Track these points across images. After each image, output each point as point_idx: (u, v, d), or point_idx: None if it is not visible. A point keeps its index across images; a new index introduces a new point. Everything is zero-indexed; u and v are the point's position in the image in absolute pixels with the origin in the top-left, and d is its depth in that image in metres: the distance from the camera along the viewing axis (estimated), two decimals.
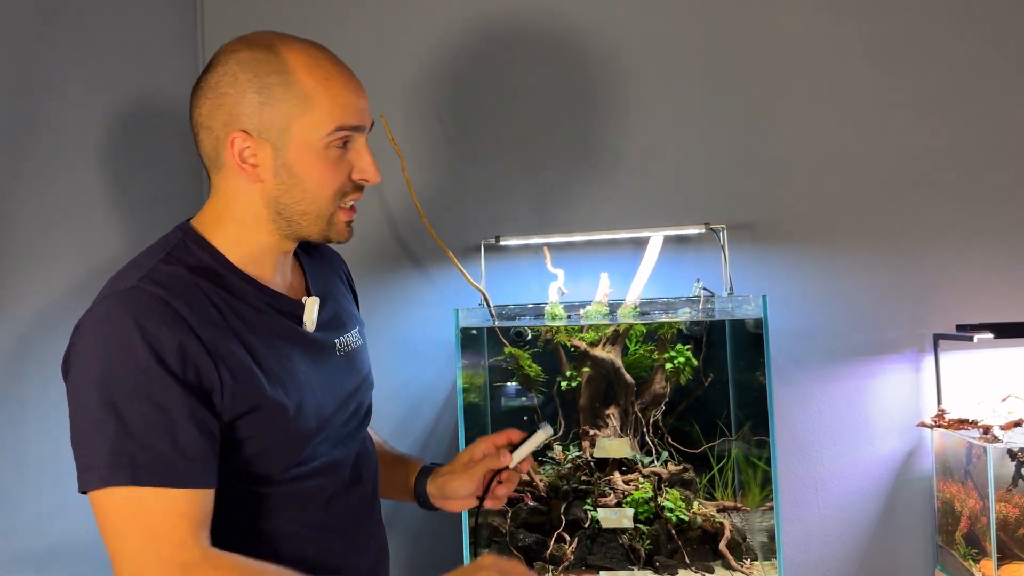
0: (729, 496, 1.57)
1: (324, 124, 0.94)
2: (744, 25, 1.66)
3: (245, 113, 0.93)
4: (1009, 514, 1.42)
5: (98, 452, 0.84)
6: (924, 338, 1.60)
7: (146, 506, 0.84)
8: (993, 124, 1.60)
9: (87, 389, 0.86)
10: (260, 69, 0.93)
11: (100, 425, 0.84)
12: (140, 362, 0.85)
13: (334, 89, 0.94)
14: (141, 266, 0.93)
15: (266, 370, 0.94)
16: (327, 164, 0.95)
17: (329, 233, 0.99)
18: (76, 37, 1.36)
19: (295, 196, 0.96)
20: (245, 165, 0.94)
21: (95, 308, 0.91)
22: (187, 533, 0.84)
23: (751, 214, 1.65)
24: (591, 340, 1.56)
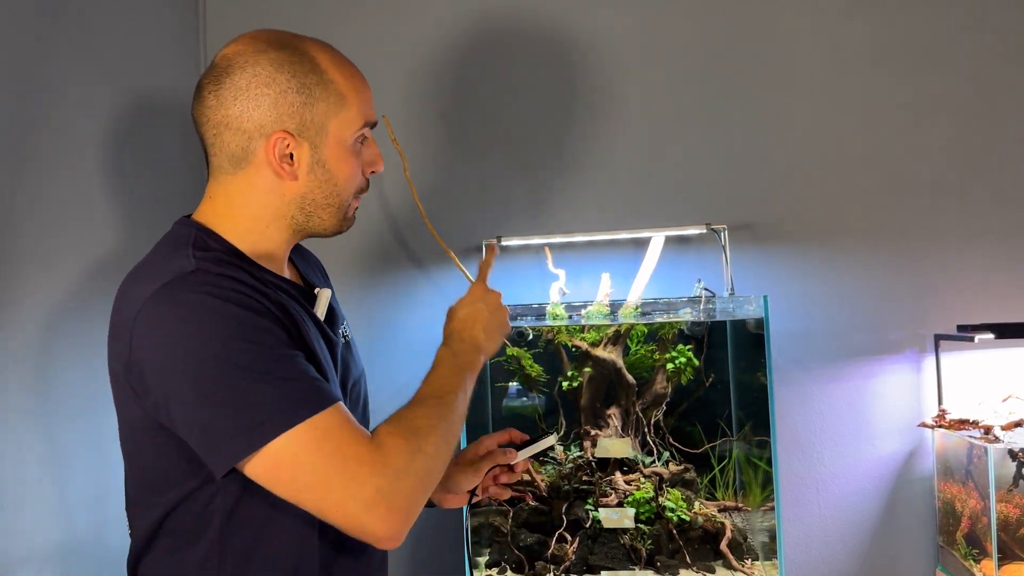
0: (730, 496, 1.57)
1: (356, 121, 0.99)
2: (745, 25, 1.66)
3: (287, 113, 0.95)
4: (1010, 514, 1.42)
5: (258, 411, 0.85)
6: (925, 338, 1.60)
7: (326, 428, 0.86)
8: (994, 125, 1.60)
9: (206, 370, 0.85)
10: (296, 69, 0.95)
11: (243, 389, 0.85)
12: (242, 321, 0.87)
13: (359, 87, 0.99)
14: (181, 255, 0.93)
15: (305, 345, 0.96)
16: (356, 159, 1.01)
17: (343, 224, 1.04)
18: (76, 36, 1.36)
19: (326, 191, 0.99)
20: (283, 164, 0.96)
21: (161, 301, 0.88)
22: (362, 432, 0.89)
23: (752, 214, 1.65)
24: (592, 340, 1.56)
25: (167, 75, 1.66)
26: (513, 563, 1.50)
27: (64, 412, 1.29)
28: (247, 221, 0.99)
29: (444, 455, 0.94)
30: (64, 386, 1.29)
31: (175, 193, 1.64)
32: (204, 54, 1.78)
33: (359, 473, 0.85)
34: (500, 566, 1.51)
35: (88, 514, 1.32)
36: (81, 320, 1.33)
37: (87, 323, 1.33)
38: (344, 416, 0.88)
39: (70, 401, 1.30)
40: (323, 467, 0.85)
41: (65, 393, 1.29)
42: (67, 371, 1.30)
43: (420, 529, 1.77)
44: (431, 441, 0.92)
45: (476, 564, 1.53)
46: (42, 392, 1.25)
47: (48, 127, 1.28)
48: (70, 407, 1.30)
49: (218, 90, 0.95)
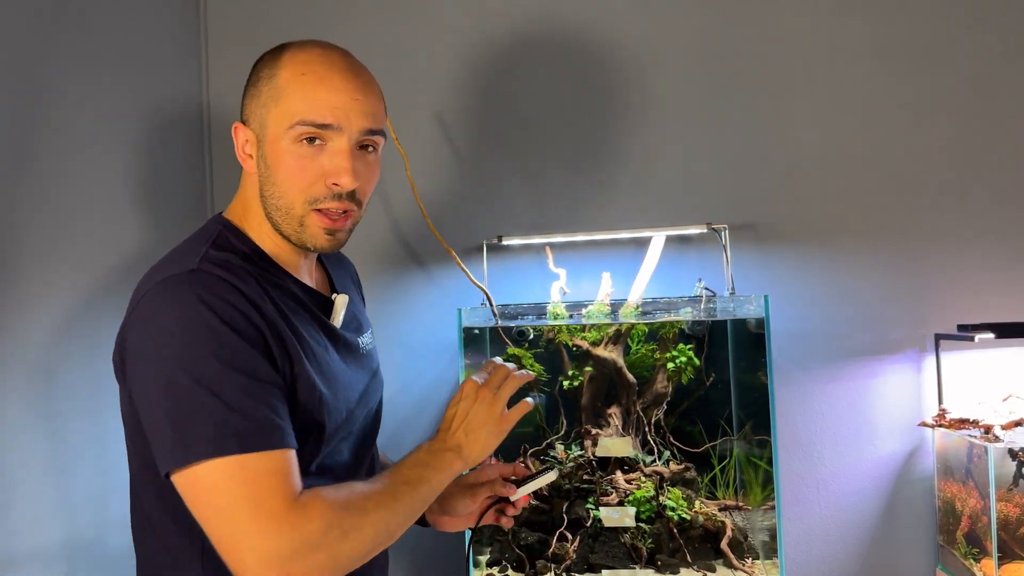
0: (731, 495, 1.58)
1: (286, 117, 0.95)
2: (747, 26, 1.67)
3: (244, 104, 0.99)
4: (1010, 514, 1.42)
5: (198, 428, 0.84)
6: (925, 338, 1.61)
7: (254, 470, 0.84)
8: (994, 125, 1.60)
9: (170, 371, 0.86)
10: (261, 65, 0.99)
11: (195, 403, 0.85)
12: (221, 336, 0.86)
13: (309, 85, 0.94)
14: (193, 253, 0.94)
15: (308, 355, 0.96)
16: (293, 159, 0.95)
17: (303, 236, 0.98)
18: (77, 36, 1.36)
19: (269, 189, 0.98)
20: (244, 155, 0.99)
21: (154, 294, 0.90)
22: (291, 488, 0.86)
23: (753, 214, 1.65)
24: (593, 339, 1.56)
25: (169, 75, 1.66)
26: (514, 562, 1.50)
27: (68, 412, 1.29)
28: (256, 217, 1.01)
29: (372, 544, 0.90)
30: (68, 386, 1.30)
31: (178, 193, 1.64)
32: (206, 54, 1.78)
33: (266, 527, 0.83)
34: (501, 565, 1.52)
35: (91, 513, 1.32)
36: (85, 320, 1.33)
37: (91, 323, 1.34)
38: (281, 466, 0.85)
39: (74, 401, 1.30)
40: (234, 506, 0.83)
41: (69, 393, 1.30)
42: (71, 371, 1.30)
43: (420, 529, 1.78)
44: (362, 525, 0.88)
45: (477, 562, 1.53)
46: (46, 392, 1.26)
47: (48, 127, 1.28)
48: (74, 407, 1.30)
49: None
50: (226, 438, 0.84)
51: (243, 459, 0.84)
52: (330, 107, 0.94)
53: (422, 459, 1.00)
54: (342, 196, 0.96)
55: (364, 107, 0.96)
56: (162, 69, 1.64)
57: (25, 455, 1.21)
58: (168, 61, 1.67)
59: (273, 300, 0.95)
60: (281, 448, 0.86)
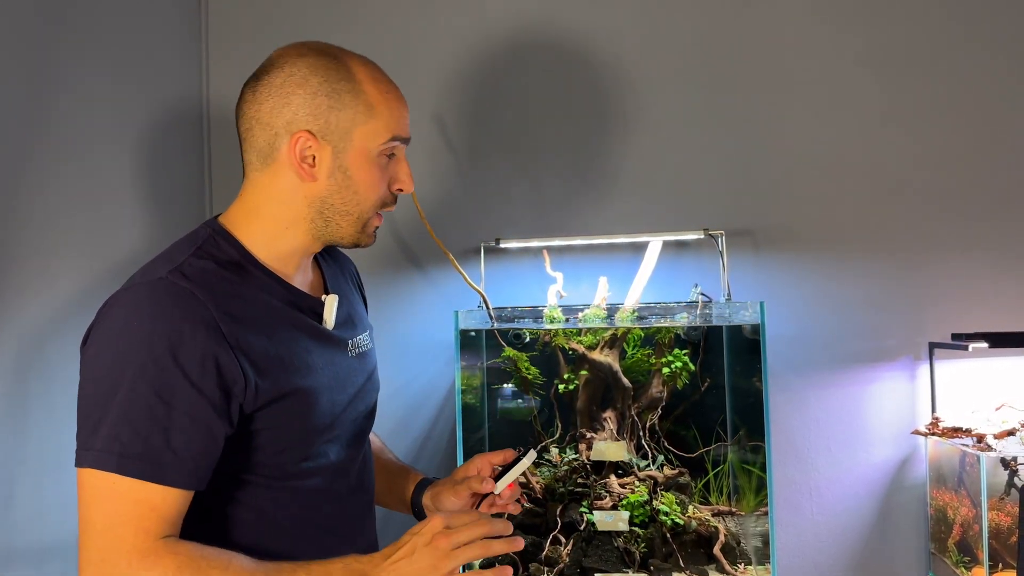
0: (724, 500, 1.58)
1: (382, 133, 1.00)
2: (745, 33, 1.67)
3: (312, 114, 0.97)
4: (1001, 522, 1.42)
5: (95, 432, 0.87)
6: (920, 346, 1.61)
7: (120, 493, 0.86)
8: (991, 135, 1.61)
9: (99, 368, 0.89)
10: (330, 75, 0.98)
11: (102, 406, 0.87)
12: (155, 353, 0.87)
13: (392, 102, 1.01)
14: (173, 259, 0.95)
15: (288, 361, 0.97)
16: (378, 171, 1.01)
17: (361, 237, 1.05)
18: (79, 34, 1.36)
19: (344, 197, 1.00)
20: (304, 164, 0.98)
21: (123, 294, 0.93)
22: (153, 524, 0.86)
23: (750, 221, 1.66)
24: (589, 343, 1.57)
25: (169, 72, 1.66)
26: (507, 564, 1.50)
27: (63, 408, 1.29)
28: (268, 221, 1.01)
29: None
30: (63, 382, 1.29)
31: (178, 192, 1.64)
32: (207, 53, 1.78)
33: (105, 554, 0.85)
34: (493, 567, 1.51)
35: None
36: (83, 316, 1.33)
37: (89, 319, 1.34)
38: (150, 499, 0.85)
39: (69, 397, 1.30)
40: (91, 521, 0.85)
41: (64, 389, 1.29)
42: (66, 367, 1.30)
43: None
44: None
45: (470, 564, 1.53)
46: (41, 388, 1.25)
47: (47, 123, 1.28)
48: (69, 403, 1.30)
49: (256, 86, 0.99)
50: (109, 453, 0.85)
51: (114, 478, 0.85)
52: (407, 123, 1.04)
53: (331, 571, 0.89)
54: (395, 199, 1.07)
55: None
56: (163, 66, 1.64)
57: (22, 452, 1.21)
58: (169, 58, 1.67)
59: (249, 310, 0.95)
60: (158, 483, 0.86)
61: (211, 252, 0.98)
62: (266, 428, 0.96)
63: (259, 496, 0.98)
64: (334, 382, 1.04)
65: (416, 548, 0.91)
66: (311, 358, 1.01)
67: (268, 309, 0.98)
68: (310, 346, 1.02)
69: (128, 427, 0.86)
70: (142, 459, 0.85)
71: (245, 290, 0.97)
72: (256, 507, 0.98)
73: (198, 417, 0.88)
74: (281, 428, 0.97)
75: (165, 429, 0.86)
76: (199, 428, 0.88)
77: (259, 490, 0.98)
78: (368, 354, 1.15)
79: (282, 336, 0.98)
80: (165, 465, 0.86)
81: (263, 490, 0.98)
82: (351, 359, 1.09)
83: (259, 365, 0.93)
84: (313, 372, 1.00)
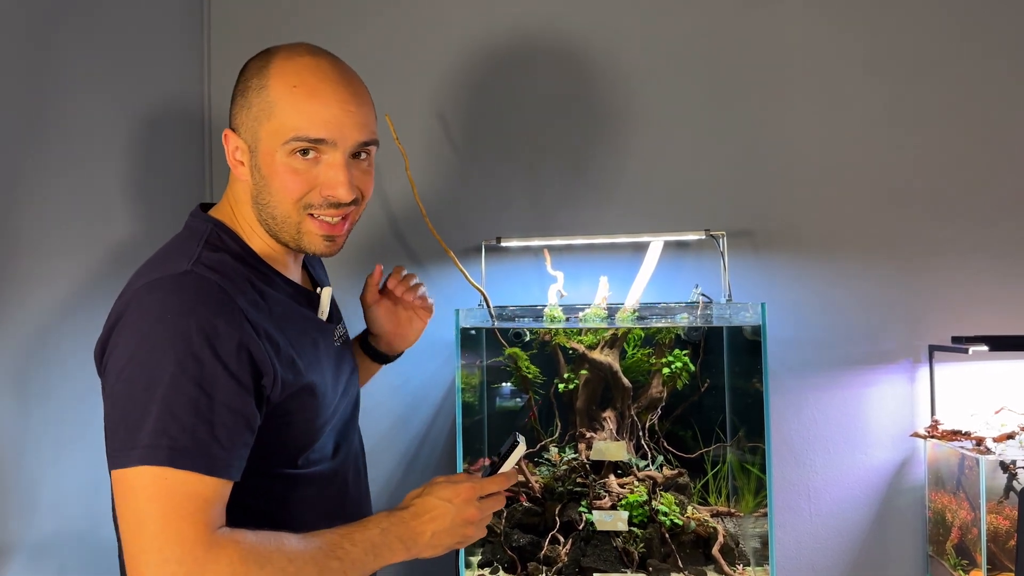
0: (723, 501, 1.58)
1: (279, 133, 0.94)
2: (746, 35, 1.67)
3: (234, 112, 0.98)
4: (1000, 526, 1.42)
5: (137, 430, 0.84)
6: (919, 349, 1.61)
7: (173, 489, 0.83)
8: (992, 138, 1.61)
9: (133, 367, 0.86)
10: (249, 73, 0.98)
11: (144, 405, 0.84)
12: (193, 347, 0.85)
13: (300, 98, 0.93)
14: (186, 253, 0.94)
15: (300, 353, 0.97)
16: (288, 172, 0.95)
17: (301, 242, 0.99)
18: (81, 33, 1.36)
19: (264, 197, 0.98)
20: (235, 162, 0.99)
21: (144, 291, 0.90)
22: (209, 516, 0.84)
23: (751, 222, 1.66)
24: (589, 343, 1.57)
25: (170, 70, 1.66)
26: (505, 563, 1.50)
27: (59, 404, 1.29)
28: (245, 221, 1.01)
29: None
30: (60, 378, 1.29)
31: (178, 191, 1.64)
32: (207, 49, 1.78)
33: (169, 551, 0.81)
34: (492, 566, 1.52)
35: (82, 505, 1.32)
36: (80, 313, 1.33)
37: (86, 316, 1.33)
38: (203, 492, 0.84)
39: (65, 394, 1.30)
40: (146, 518, 0.82)
41: (60, 385, 1.29)
42: (63, 363, 1.30)
43: None
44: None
45: (469, 563, 1.53)
46: (38, 385, 1.25)
47: (48, 122, 1.28)
48: (65, 400, 1.30)
49: None
50: (158, 448, 0.83)
51: (166, 472, 0.83)
52: (323, 121, 0.93)
53: (369, 540, 0.92)
54: (339, 204, 0.97)
55: (357, 119, 0.96)
56: (164, 65, 1.64)
57: (19, 448, 1.20)
58: (170, 56, 1.67)
59: (267, 304, 0.96)
60: (210, 475, 0.85)
61: (220, 245, 0.98)
62: (284, 419, 0.96)
63: (273, 486, 0.99)
64: (332, 373, 1.06)
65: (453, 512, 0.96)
66: (317, 350, 1.02)
67: (278, 302, 0.99)
68: (316, 338, 1.03)
69: (175, 422, 0.84)
70: (193, 452, 0.84)
71: (257, 283, 0.97)
72: (270, 496, 0.99)
73: (238, 408, 0.88)
74: (295, 419, 0.97)
75: (210, 421, 0.85)
76: (239, 419, 0.88)
77: (272, 480, 0.99)
78: (347, 343, 1.16)
79: (294, 329, 0.99)
80: (214, 457, 0.85)
81: (275, 480, 0.99)
82: (337, 348, 1.10)
83: (282, 357, 0.94)
84: (320, 365, 1.02)
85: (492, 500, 1.00)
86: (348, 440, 1.12)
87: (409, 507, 0.96)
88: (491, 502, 1.00)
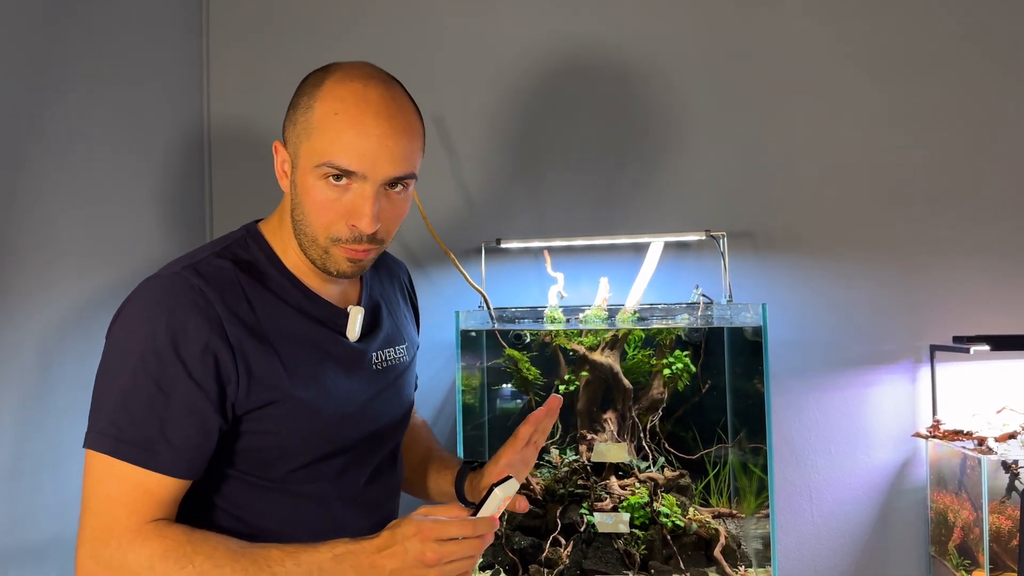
0: (724, 503, 1.58)
1: (314, 155, 0.94)
2: (747, 36, 1.67)
3: (285, 125, 0.99)
4: (1002, 526, 1.42)
5: (98, 415, 0.91)
6: (921, 349, 1.61)
7: (118, 475, 0.89)
8: (993, 138, 1.61)
9: (110, 356, 0.93)
10: (303, 89, 0.98)
11: (108, 392, 0.91)
12: (158, 345, 0.90)
13: (340, 126, 0.92)
14: (194, 256, 0.98)
15: (290, 369, 0.97)
16: (319, 195, 0.94)
17: (326, 263, 0.98)
18: (81, 37, 1.35)
19: (299, 214, 0.99)
20: (281, 173, 1.00)
21: (139, 288, 0.95)
22: (146, 507, 0.90)
23: (752, 222, 1.65)
24: (590, 344, 1.56)
25: (169, 78, 1.66)
26: (507, 566, 1.50)
27: (62, 408, 1.28)
28: (289, 232, 1.01)
29: None
30: (63, 382, 1.29)
31: (177, 193, 1.63)
32: (207, 53, 1.77)
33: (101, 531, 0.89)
34: (494, 568, 1.51)
35: None
36: (80, 317, 1.33)
37: (86, 320, 1.33)
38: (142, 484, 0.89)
39: (68, 397, 1.29)
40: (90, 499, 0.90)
41: (64, 389, 1.29)
42: (65, 368, 1.29)
43: None
44: None
45: None
46: (40, 388, 1.25)
47: (48, 129, 1.27)
48: (68, 403, 1.29)
49: None
50: (106, 437, 0.89)
51: (114, 462, 0.89)
52: (357, 154, 0.92)
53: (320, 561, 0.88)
54: (363, 238, 0.96)
55: (393, 153, 0.93)
56: (164, 72, 1.63)
57: (21, 451, 1.20)
58: (170, 64, 1.66)
59: (256, 313, 0.96)
60: (149, 469, 0.89)
61: (235, 253, 1.00)
62: (258, 431, 0.96)
63: (252, 494, 0.99)
64: (347, 395, 1.02)
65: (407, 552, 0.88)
66: (321, 369, 1.00)
67: (279, 315, 0.98)
68: (324, 357, 1.01)
69: (126, 414, 0.89)
70: (137, 446, 0.89)
71: (259, 294, 0.98)
72: (247, 504, 0.99)
73: (195, 410, 0.91)
74: (273, 434, 0.97)
75: (162, 419, 0.90)
76: (195, 420, 0.91)
77: (252, 489, 0.99)
78: (398, 367, 1.12)
79: (288, 344, 0.98)
80: (159, 453, 0.89)
81: (256, 490, 0.99)
82: (371, 372, 1.07)
83: (256, 369, 0.94)
84: (317, 383, 0.99)
85: (457, 545, 0.88)
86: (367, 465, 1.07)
87: (376, 538, 0.90)
88: (455, 547, 0.88)
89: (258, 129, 1.75)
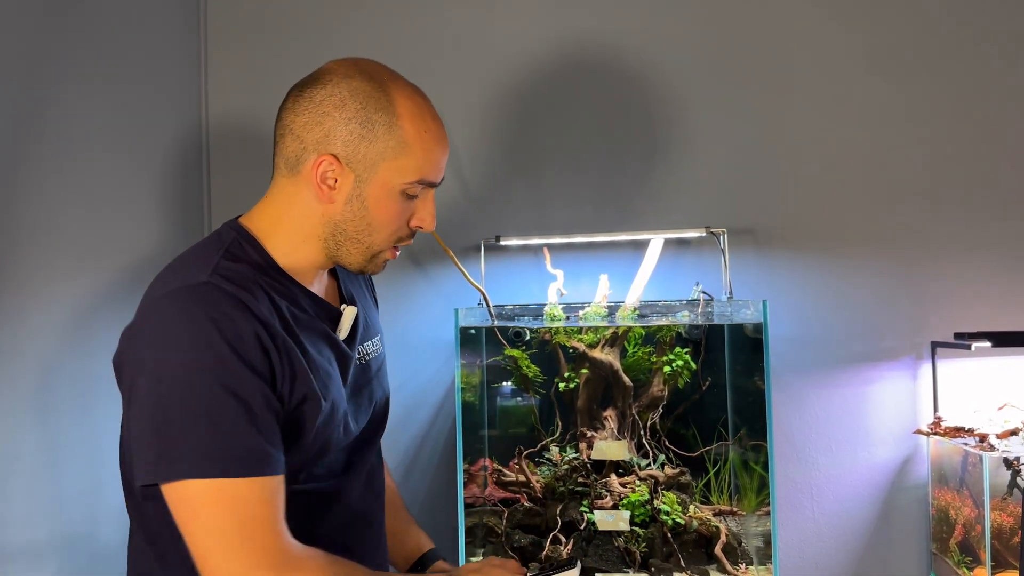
0: (725, 500, 1.57)
1: (410, 173, 0.98)
2: (748, 32, 1.66)
3: (341, 139, 0.96)
4: (1004, 523, 1.42)
5: (182, 444, 0.85)
6: (922, 346, 1.61)
7: (239, 497, 0.85)
8: (994, 134, 1.60)
9: (165, 383, 0.86)
10: (369, 103, 0.96)
11: (183, 418, 0.85)
12: (221, 356, 0.86)
13: (431, 144, 0.98)
14: (205, 262, 0.94)
15: (312, 368, 0.97)
16: (397, 207, 0.99)
17: (367, 266, 1.03)
18: (80, 37, 1.35)
19: (358, 226, 0.99)
20: (324, 185, 0.97)
21: (163, 303, 0.90)
22: (277, 520, 0.87)
23: (752, 219, 1.65)
24: (590, 342, 1.56)
25: (168, 77, 1.65)
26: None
27: (61, 408, 1.28)
28: (289, 231, 1.00)
29: None
30: (62, 383, 1.29)
31: (176, 192, 1.63)
32: (205, 53, 1.77)
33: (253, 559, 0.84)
34: None
35: (82, 509, 1.31)
36: (80, 318, 1.33)
37: (86, 321, 1.33)
38: (267, 495, 0.87)
39: (67, 398, 1.29)
40: (222, 529, 0.84)
41: (62, 390, 1.29)
42: (65, 368, 1.29)
43: None
44: None
45: None
46: (39, 388, 1.25)
47: (47, 128, 1.27)
48: (67, 404, 1.29)
49: (299, 96, 0.98)
50: (207, 459, 0.84)
51: (223, 483, 0.85)
52: (440, 167, 1.01)
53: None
54: (413, 235, 1.04)
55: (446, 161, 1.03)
56: (162, 71, 1.63)
57: (17, 450, 1.20)
58: (168, 58, 1.66)
59: (282, 315, 0.96)
60: (268, 475, 0.87)
61: (241, 255, 0.97)
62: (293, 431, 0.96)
63: None
64: (349, 392, 1.05)
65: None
66: (330, 367, 1.01)
67: (294, 315, 0.98)
68: (329, 355, 1.02)
69: (219, 432, 0.85)
70: (245, 458, 0.86)
71: (277, 295, 0.97)
72: None
73: (270, 406, 0.90)
74: (305, 432, 0.97)
75: (254, 423, 0.87)
76: (274, 413, 0.90)
77: None
78: (373, 362, 1.14)
79: (307, 343, 0.98)
80: (265, 457, 0.87)
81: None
82: (356, 368, 1.08)
83: (294, 366, 0.94)
84: (332, 381, 1.01)
85: None
86: (363, 458, 1.10)
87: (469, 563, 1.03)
88: None
89: (257, 128, 1.75)
